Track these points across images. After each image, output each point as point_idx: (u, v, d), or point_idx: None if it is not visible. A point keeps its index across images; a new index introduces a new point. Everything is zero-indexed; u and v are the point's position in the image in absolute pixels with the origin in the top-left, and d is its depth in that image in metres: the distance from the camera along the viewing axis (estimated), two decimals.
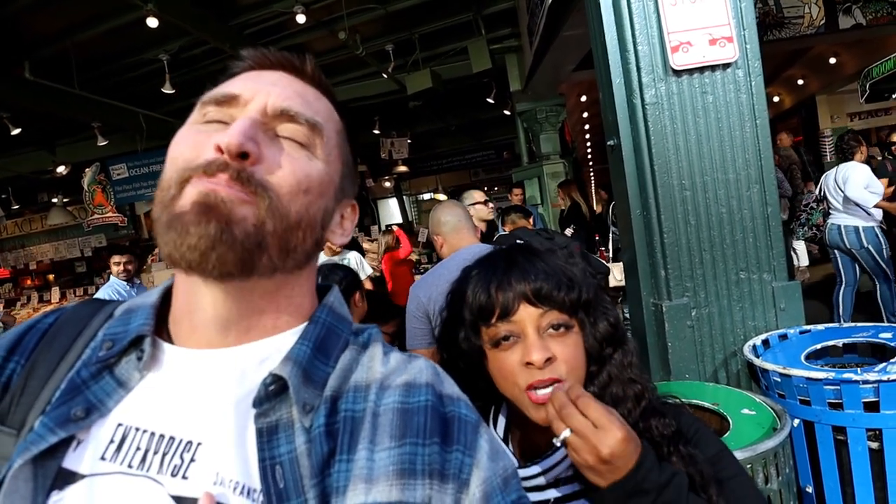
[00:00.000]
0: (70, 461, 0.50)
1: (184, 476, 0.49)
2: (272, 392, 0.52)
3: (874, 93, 6.94)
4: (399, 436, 0.51)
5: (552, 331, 0.83)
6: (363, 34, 6.80)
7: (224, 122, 0.55)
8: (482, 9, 6.87)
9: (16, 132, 7.11)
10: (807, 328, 2.27)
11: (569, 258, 0.92)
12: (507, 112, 9.60)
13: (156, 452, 0.50)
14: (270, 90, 0.57)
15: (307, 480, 0.49)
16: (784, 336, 2.25)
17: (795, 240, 6.36)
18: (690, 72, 2.24)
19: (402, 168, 13.42)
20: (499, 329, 0.84)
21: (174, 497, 0.49)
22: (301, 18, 5.78)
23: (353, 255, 4.70)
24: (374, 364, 0.58)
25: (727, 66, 2.24)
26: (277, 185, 0.53)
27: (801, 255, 6.42)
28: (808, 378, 1.80)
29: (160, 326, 0.58)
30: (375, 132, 10.37)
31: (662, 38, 2.23)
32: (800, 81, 9.46)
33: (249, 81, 0.58)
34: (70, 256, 12.33)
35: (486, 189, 17.26)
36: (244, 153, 0.51)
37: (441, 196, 15.33)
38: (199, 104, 0.58)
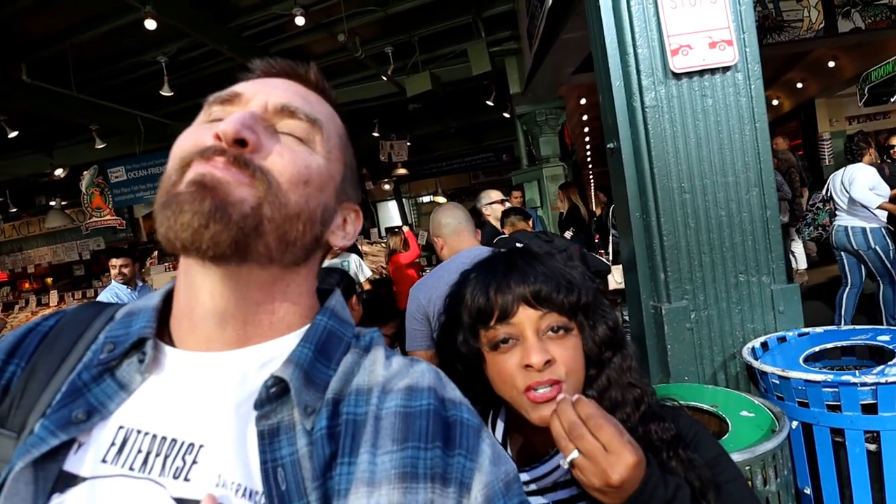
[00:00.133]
0: (71, 464, 0.50)
1: (186, 478, 0.49)
2: (273, 394, 0.52)
3: (873, 96, 6.95)
4: (401, 439, 0.51)
5: (551, 333, 0.83)
6: (362, 36, 6.80)
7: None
8: (482, 11, 6.88)
9: (13, 135, 7.09)
10: (805, 331, 2.27)
11: (568, 261, 0.91)
12: (507, 115, 9.62)
13: (157, 455, 0.50)
14: (272, 90, 0.59)
15: (309, 483, 0.49)
16: (783, 338, 2.26)
17: (794, 243, 6.37)
18: (690, 75, 2.25)
19: (402, 171, 13.43)
20: (497, 331, 0.84)
21: (176, 499, 0.49)
22: (300, 20, 5.76)
23: (353, 258, 4.71)
24: (376, 367, 0.57)
25: (727, 70, 2.25)
26: (277, 173, 0.53)
27: (800, 258, 6.43)
28: (807, 380, 1.80)
29: (162, 329, 0.58)
30: (375, 135, 10.38)
31: (662, 41, 2.24)
32: (799, 85, 9.49)
33: (253, 83, 0.60)
34: (68, 259, 12.29)
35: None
36: (242, 140, 0.52)
37: (440, 199, 15.34)
38: (205, 105, 0.59)
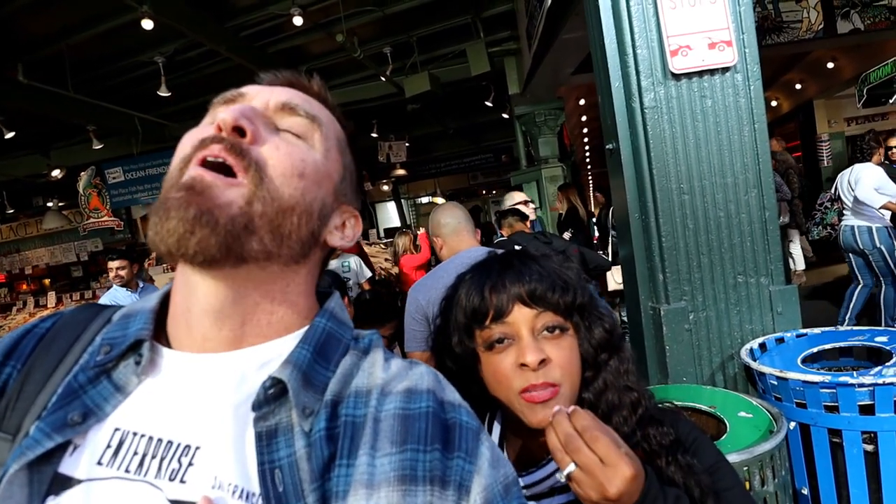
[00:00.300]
0: (66, 466, 0.50)
1: (182, 480, 0.49)
2: (271, 395, 0.52)
3: (871, 97, 6.96)
4: (400, 442, 0.51)
5: (547, 333, 0.82)
6: (361, 36, 6.80)
7: None
8: (481, 11, 6.88)
9: (10, 135, 7.07)
10: (803, 332, 2.27)
11: (564, 262, 0.91)
12: (506, 115, 9.63)
13: (153, 457, 0.50)
14: (274, 90, 0.61)
15: (307, 485, 0.48)
16: (781, 339, 2.26)
17: (792, 244, 6.38)
18: (689, 75, 2.25)
19: (401, 171, 13.46)
20: (493, 331, 0.83)
21: (172, 501, 0.48)
22: (298, 20, 5.75)
23: (354, 259, 4.71)
24: (375, 370, 0.57)
25: (726, 70, 2.25)
26: (272, 166, 0.54)
27: (798, 260, 6.44)
28: (805, 381, 1.80)
29: (159, 331, 0.57)
30: (373, 135, 10.38)
31: (662, 42, 2.24)
32: (797, 86, 9.50)
33: (257, 86, 0.63)
34: (66, 261, 12.25)
35: (485, 192, 17.35)
36: (240, 128, 0.53)
37: (439, 199, 15.35)
38: (211, 106, 0.61)
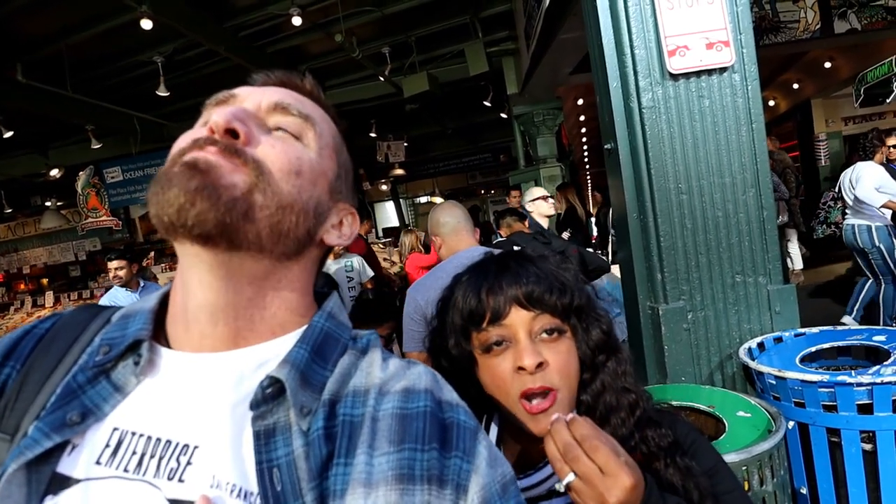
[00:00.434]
0: (64, 466, 0.50)
1: (180, 479, 0.49)
2: (269, 395, 0.52)
3: (868, 97, 6.96)
4: (398, 441, 0.51)
5: (545, 336, 0.82)
6: (360, 36, 6.79)
7: None
8: (479, 12, 6.88)
9: (8, 135, 7.05)
10: (801, 331, 2.28)
11: (562, 263, 0.90)
12: (504, 115, 9.63)
13: (152, 456, 0.50)
14: (266, 91, 0.61)
15: (305, 483, 0.49)
16: (779, 339, 2.26)
17: (790, 243, 6.39)
18: (687, 76, 2.25)
19: (399, 171, 13.45)
20: (490, 334, 0.83)
21: (171, 500, 0.49)
22: (297, 21, 5.75)
23: (356, 259, 4.71)
24: (373, 369, 0.57)
25: (724, 70, 2.25)
26: (269, 163, 0.54)
27: (796, 259, 6.45)
28: (803, 380, 1.80)
29: (158, 332, 0.58)
30: (372, 135, 10.37)
31: (659, 42, 2.24)
32: (795, 86, 9.50)
33: (249, 87, 0.63)
34: (64, 260, 12.22)
35: (483, 192, 17.36)
36: (233, 130, 0.53)
37: (438, 199, 15.35)
38: (204, 108, 0.61)
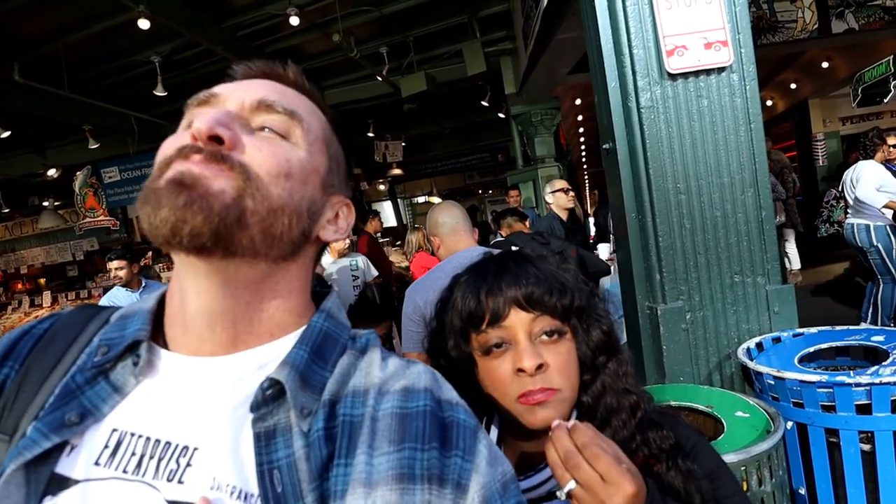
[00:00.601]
0: (63, 466, 0.50)
1: (180, 481, 0.49)
2: (269, 396, 0.52)
3: (866, 97, 6.98)
4: (398, 440, 0.51)
5: (545, 337, 0.81)
6: (357, 36, 6.79)
7: None
8: (477, 11, 6.88)
9: (5, 135, 7.02)
10: (800, 331, 2.28)
11: (561, 263, 0.90)
12: (502, 115, 9.62)
13: (151, 457, 0.50)
14: (248, 88, 0.59)
15: (305, 485, 0.49)
16: (777, 339, 2.26)
17: (787, 243, 6.40)
18: (685, 75, 2.25)
19: (397, 171, 13.44)
20: (489, 336, 0.82)
21: (170, 502, 0.49)
22: (295, 20, 5.75)
23: (361, 258, 4.72)
24: (373, 369, 0.57)
25: (722, 70, 2.25)
26: (257, 167, 0.53)
27: (793, 259, 6.46)
28: (802, 381, 1.80)
29: (157, 332, 0.57)
30: (370, 135, 10.36)
31: (658, 42, 2.24)
32: (793, 85, 9.51)
33: (231, 84, 0.61)
34: (61, 260, 12.18)
35: (481, 192, 17.35)
36: (217, 137, 0.51)
37: (436, 199, 15.35)
38: (186, 108, 0.59)
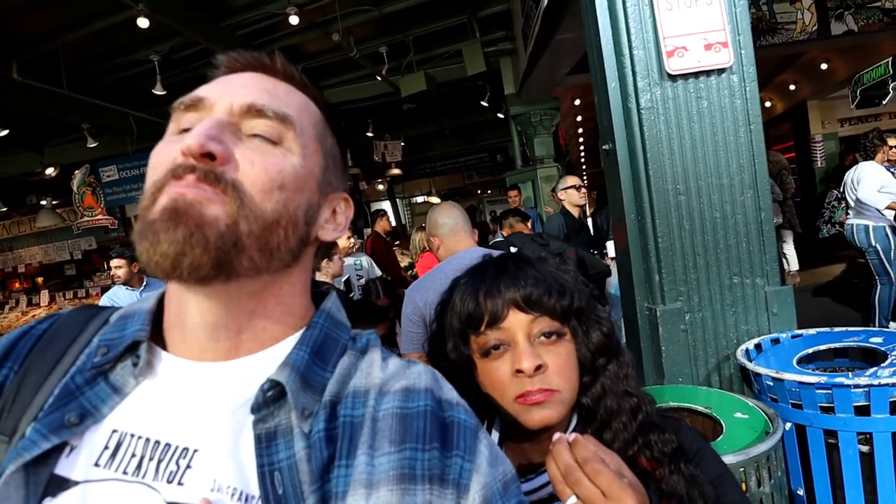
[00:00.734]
0: (63, 468, 0.50)
1: (180, 482, 0.49)
2: (270, 398, 0.52)
3: (864, 99, 7.00)
4: (399, 441, 0.51)
5: (543, 339, 0.81)
6: (357, 36, 6.79)
7: (193, 128, 0.54)
8: (476, 11, 6.88)
9: (3, 133, 7.01)
10: (798, 332, 2.28)
11: (561, 265, 0.90)
12: (501, 115, 9.63)
13: (151, 459, 0.50)
14: (236, 90, 0.56)
15: (306, 486, 0.49)
16: (776, 340, 2.27)
17: (785, 244, 6.41)
18: (686, 77, 2.25)
19: (396, 171, 13.44)
20: (488, 337, 0.82)
21: (169, 503, 0.48)
22: (294, 20, 5.75)
23: (365, 259, 4.72)
24: (373, 369, 0.57)
25: (722, 72, 2.25)
26: (249, 184, 0.51)
27: (791, 260, 6.47)
28: (801, 382, 1.81)
29: (157, 333, 0.57)
30: (369, 135, 10.36)
31: (658, 43, 2.24)
32: (791, 87, 9.53)
33: (217, 84, 0.58)
34: (59, 259, 12.18)
35: (480, 192, 17.36)
36: (209, 153, 0.50)
37: (434, 199, 15.34)
38: (172, 111, 0.57)
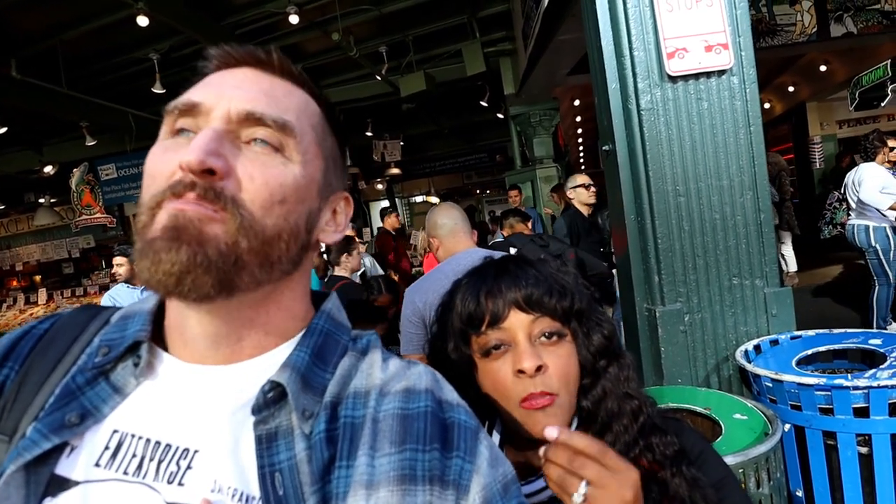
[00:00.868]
0: (63, 468, 0.50)
1: (180, 483, 0.49)
2: (271, 399, 0.52)
3: (863, 101, 7.02)
4: (399, 442, 0.51)
5: (544, 339, 0.81)
6: (357, 35, 6.79)
7: (190, 132, 0.53)
8: (476, 11, 6.88)
9: (2, 131, 7.00)
10: (798, 334, 2.28)
11: (561, 267, 0.90)
12: (501, 115, 9.63)
13: (152, 459, 0.50)
14: (233, 94, 0.53)
15: (307, 487, 0.49)
16: (775, 341, 2.27)
17: (783, 246, 6.41)
18: (686, 78, 2.26)
19: (395, 170, 13.43)
20: (489, 337, 0.82)
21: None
22: (294, 19, 5.74)
23: (367, 259, 4.72)
24: (374, 370, 0.57)
25: (722, 73, 2.26)
26: (250, 200, 0.50)
27: (790, 261, 6.47)
28: (800, 383, 1.81)
29: (157, 333, 0.57)
30: (368, 134, 10.36)
31: (658, 44, 2.24)
32: (790, 88, 9.54)
33: (212, 86, 0.55)
34: (57, 258, 12.16)
35: (479, 192, 17.36)
36: (209, 169, 0.49)
37: (433, 199, 15.34)
38: (165, 115, 0.55)
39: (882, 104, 6.70)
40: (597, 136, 2.57)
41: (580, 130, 11.76)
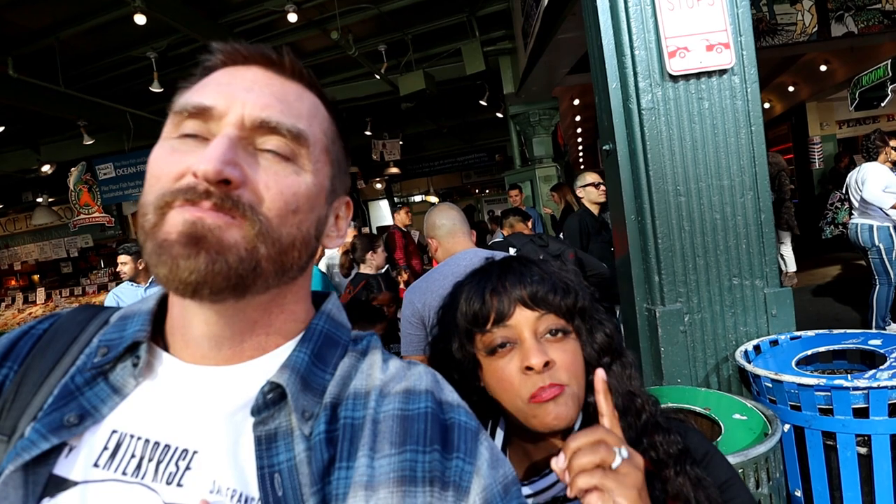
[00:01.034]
0: (62, 468, 0.50)
1: (179, 484, 0.49)
2: (270, 400, 0.52)
3: (863, 101, 7.03)
4: (399, 443, 0.51)
5: (550, 336, 0.81)
6: (356, 34, 6.78)
7: (199, 137, 0.52)
8: (476, 10, 6.88)
9: None
10: (797, 334, 2.28)
11: (562, 267, 0.90)
12: (500, 115, 9.64)
13: (151, 460, 0.50)
14: (246, 98, 0.52)
15: (307, 488, 0.48)
16: (775, 342, 2.27)
17: (783, 246, 6.41)
18: (687, 77, 2.26)
19: (394, 170, 13.44)
20: (494, 335, 0.82)
21: None
22: (292, 17, 5.74)
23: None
24: (374, 371, 0.57)
25: (723, 72, 2.26)
26: (266, 209, 0.50)
27: (789, 261, 6.47)
28: (800, 384, 1.81)
29: (157, 333, 0.57)
30: (367, 133, 10.37)
31: (660, 44, 2.24)
32: (791, 88, 9.55)
33: (223, 87, 0.54)
34: (55, 257, 12.18)
35: (478, 192, 17.37)
36: (225, 179, 0.48)
37: (432, 198, 15.35)
38: (171, 113, 0.54)
39: (882, 104, 6.71)
40: (596, 136, 2.57)
41: (580, 130, 11.77)
